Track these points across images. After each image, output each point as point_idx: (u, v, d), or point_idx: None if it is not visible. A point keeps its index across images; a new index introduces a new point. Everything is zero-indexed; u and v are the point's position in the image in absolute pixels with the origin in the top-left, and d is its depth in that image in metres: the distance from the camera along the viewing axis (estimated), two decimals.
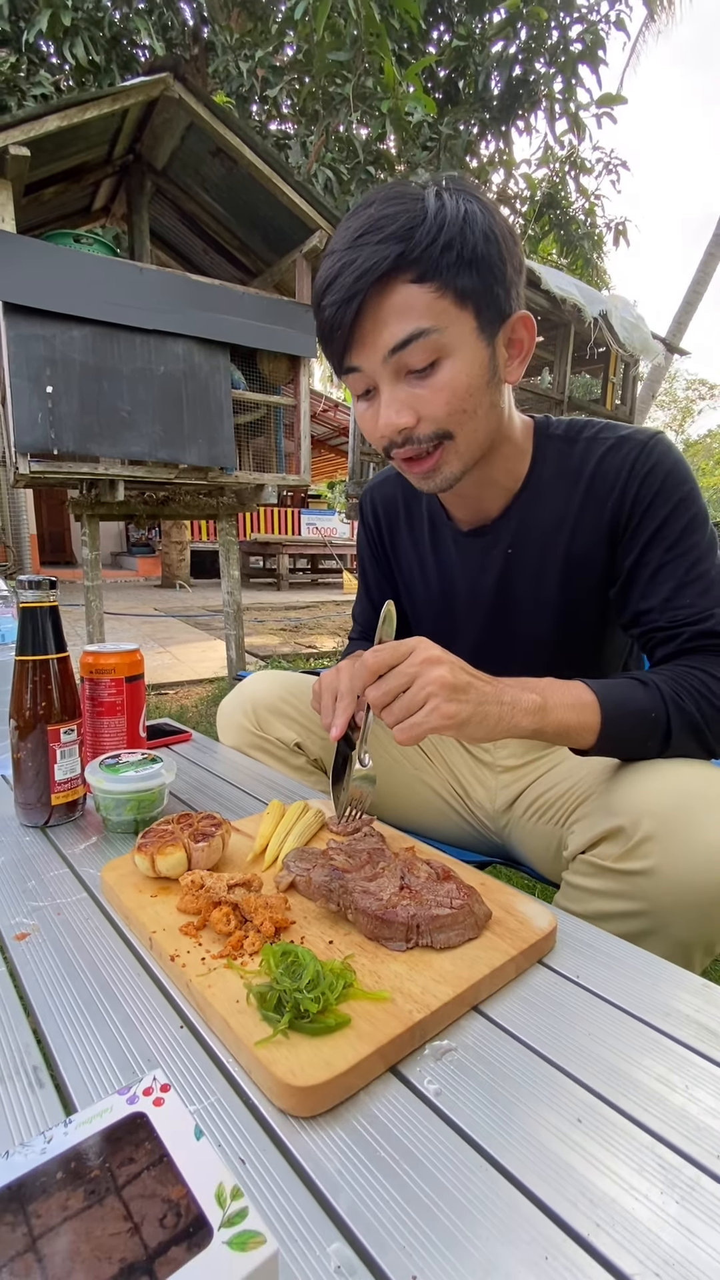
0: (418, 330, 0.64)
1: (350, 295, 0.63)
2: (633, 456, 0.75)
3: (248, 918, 0.48)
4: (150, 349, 2.62)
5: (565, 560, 0.81)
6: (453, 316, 0.65)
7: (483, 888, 0.55)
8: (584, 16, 5.85)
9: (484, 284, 0.65)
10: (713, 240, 9.74)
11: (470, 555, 0.88)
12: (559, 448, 0.80)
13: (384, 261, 0.62)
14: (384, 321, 0.65)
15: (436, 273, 0.63)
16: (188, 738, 1.06)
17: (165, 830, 0.58)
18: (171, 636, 5.25)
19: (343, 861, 0.52)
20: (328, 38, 4.24)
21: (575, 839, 0.71)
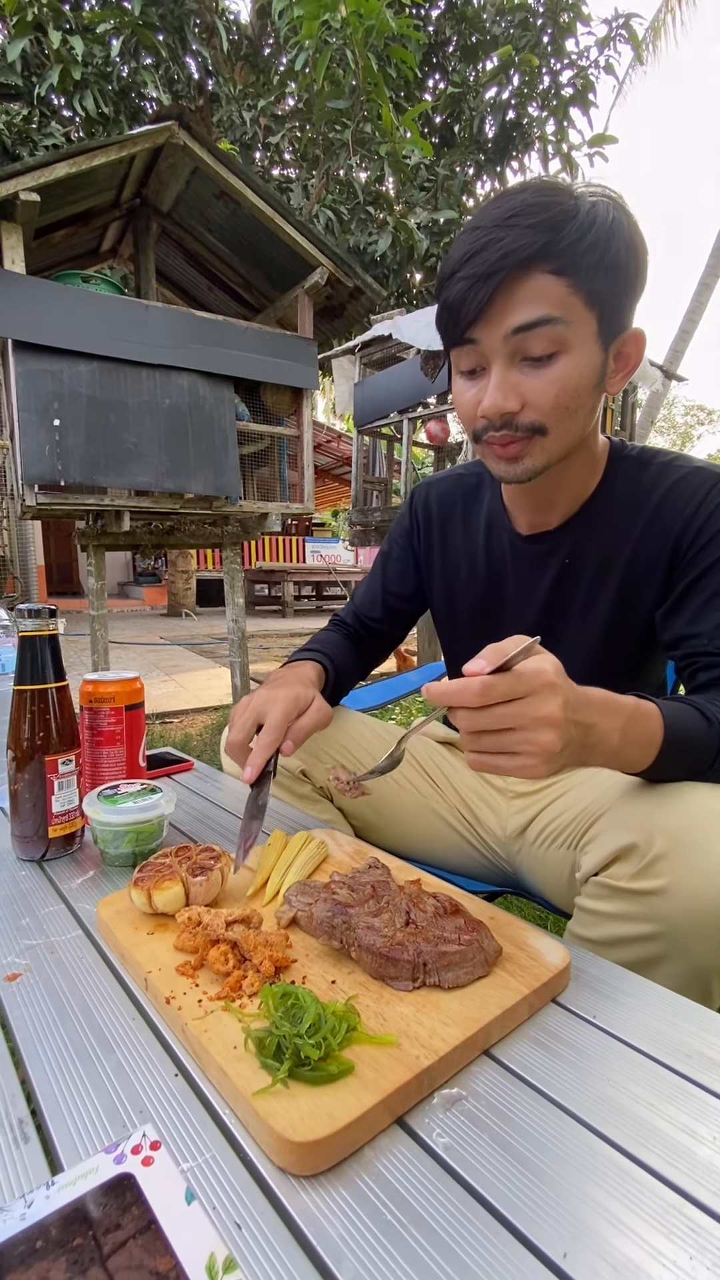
0: (547, 317, 0.66)
1: (491, 270, 0.65)
2: (706, 487, 0.76)
3: (247, 956, 0.46)
4: (156, 383, 2.67)
5: (622, 580, 0.81)
6: (580, 314, 0.67)
7: (492, 922, 0.53)
8: (574, 62, 6.07)
9: (614, 292, 0.67)
10: (707, 270, 9.95)
11: (525, 560, 0.88)
12: (630, 469, 0.81)
13: (531, 246, 0.63)
14: (515, 303, 0.66)
15: (576, 269, 0.64)
16: (189, 767, 1.05)
17: (163, 864, 0.57)
18: (177, 665, 5.25)
19: (346, 896, 0.50)
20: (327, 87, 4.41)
21: (588, 860, 0.69)
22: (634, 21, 5.77)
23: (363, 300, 3.33)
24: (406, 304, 6.55)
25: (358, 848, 0.69)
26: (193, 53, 5.21)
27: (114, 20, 4.60)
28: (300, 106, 5.59)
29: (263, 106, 5.43)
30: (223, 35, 5.27)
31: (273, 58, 6.12)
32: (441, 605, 1.00)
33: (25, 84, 4.92)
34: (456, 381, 0.76)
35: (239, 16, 6.21)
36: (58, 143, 4.90)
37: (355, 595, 1.10)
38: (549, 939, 0.52)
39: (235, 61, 5.96)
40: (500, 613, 0.93)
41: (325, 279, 3.07)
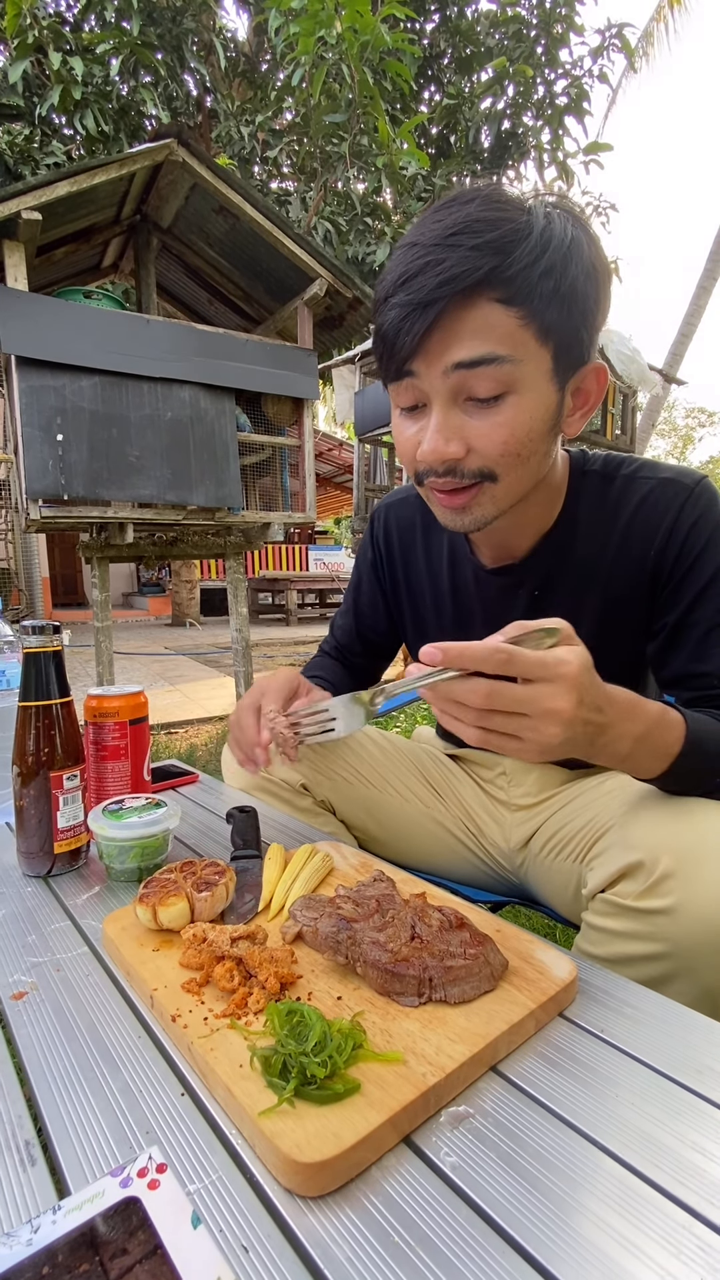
0: (492, 355, 0.58)
1: (429, 300, 0.57)
2: (678, 504, 0.70)
3: (252, 973, 0.46)
4: (158, 396, 2.70)
5: (599, 608, 0.76)
6: (531, 351, 0.59)
7: (498, 935, 0.52)
8: (568, 72, 6.13)
9: (572, 323, 0.59)
10: (705, 273, 9.98)
11: (492, 593, 0.83)
12: (595, 485, 0.76)
13: (475, 272, 0.55)
14: (457, 335, 0.58)
15: (528, 298, 0.57)
16: (194, 779, 1.05)
17: (167, 879, 0.57)
18: (182, 674, 5.26)
19: (350, 910, 0.50)
20: (324, 101, 4.47)
21: (594, 876, 0.68)
22: (626, 30, 5.83)
23: (362, 310, 3.35)
24: None
25: (362, 860, 0.68)
26: (191, 70, 5.28)
27: (113, 40, 4.67)
28: (297, 121, 5.66)
29: (260, 122, 5.50)
30: (220, 53, 5.34)
31: (270, 74, 6.21)
32: (413, 636, 0.97)
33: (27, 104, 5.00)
34: (395, 418, 0.68)
35: (236, 34, 6.30)
36: (59, 161, 4.97)
37: (334, 626, 1.05)
38: (556, 952, 0.51)
39: (233, 78, 6.04)
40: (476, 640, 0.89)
41: (324, 290, 3.10)
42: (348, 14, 3.93)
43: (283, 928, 0.53)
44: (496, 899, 1.01)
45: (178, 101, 5.46)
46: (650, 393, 5.66)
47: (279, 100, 5.68)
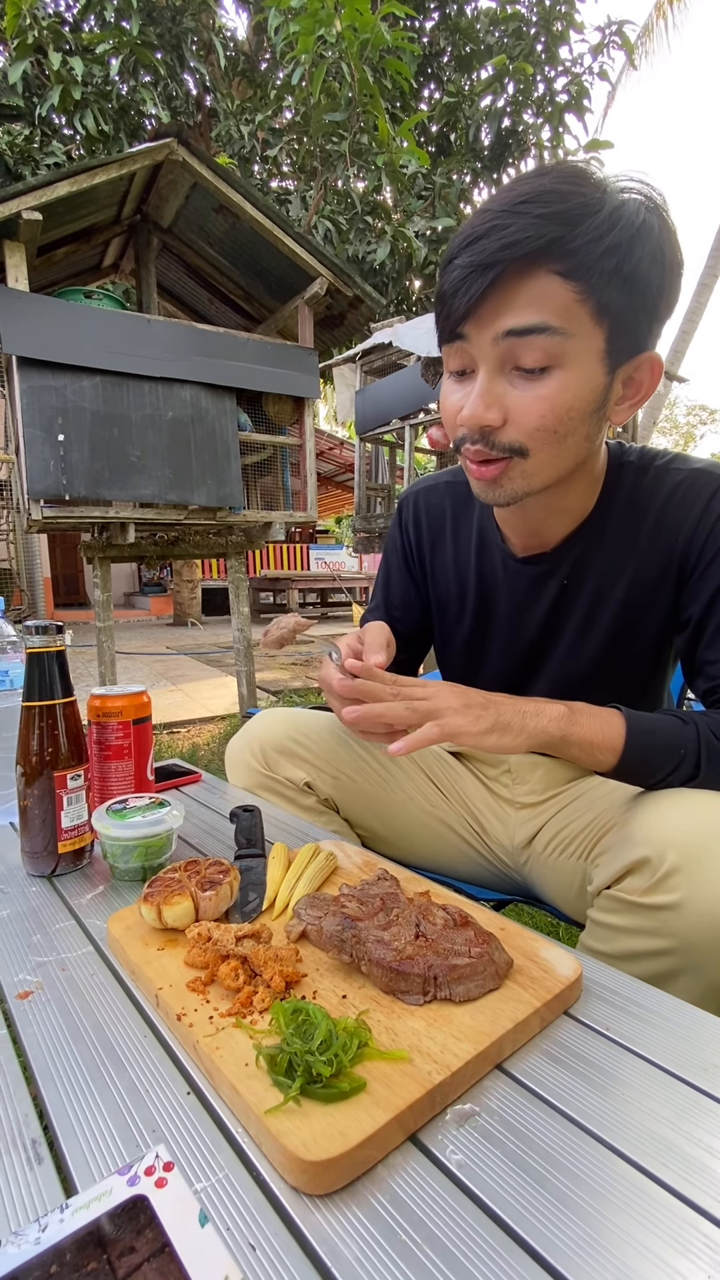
0: (544, 325, 0.58)
1: (490, 261, 0.57)
2: (708, 494, 0.70)
3: (257, 971, 0.46)
4: (159, 396, 2.70)
5: (624, 599, 0.77)
6: (585, 328, 0.59)
7: (502, 933, 0.52)
8: (568, 69, 6.12)
9: (631, 307, 0.59)
10: (705, 270, 9.96)
11: (520, 582, 0.83)
12: (631, 477, 0.75)
13: (538, 239, 0.55)
14: (513, 301, 0.58)
15: (588, 274, 0.56)
16: (197, 778, 1.05)
17: (172, 879, 0.57)
18: (184, 674, 5.27)
19: (355, 909, 0.50)
20: (324, 100, 4.46)
21: (600, 873, 0.68)
22: (626, 28, 5.81)
23: (362, 309, 3.35)
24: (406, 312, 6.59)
25: (366, 859, 0.68)
26: (191, 70, 5.28)
27: (113, 40, 4.67)
28: (297, 120, 5.66)
29: (260, 121, 5.50)
30: (220, 52, 5.34)
31: (269, 73, 6.20)
32: (435, 621, 0.97)
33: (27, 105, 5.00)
34: (445, 381, 0.70)
35: (235, 33, 6.30)
36: (59, 161, 4.97)
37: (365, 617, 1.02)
38: (560, 950, 0.51)
39: (233, 77, 6.04)
40: (488, 637, 0.88)
41: (325, 289, 3.10)
42: (347, 12, 3.92)
43: (287, 926, 0.53)
44: (500, 897, 1.01)
45: (177, 101, 5.46)
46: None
47: (279, 99, 5.67)
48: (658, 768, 0.66)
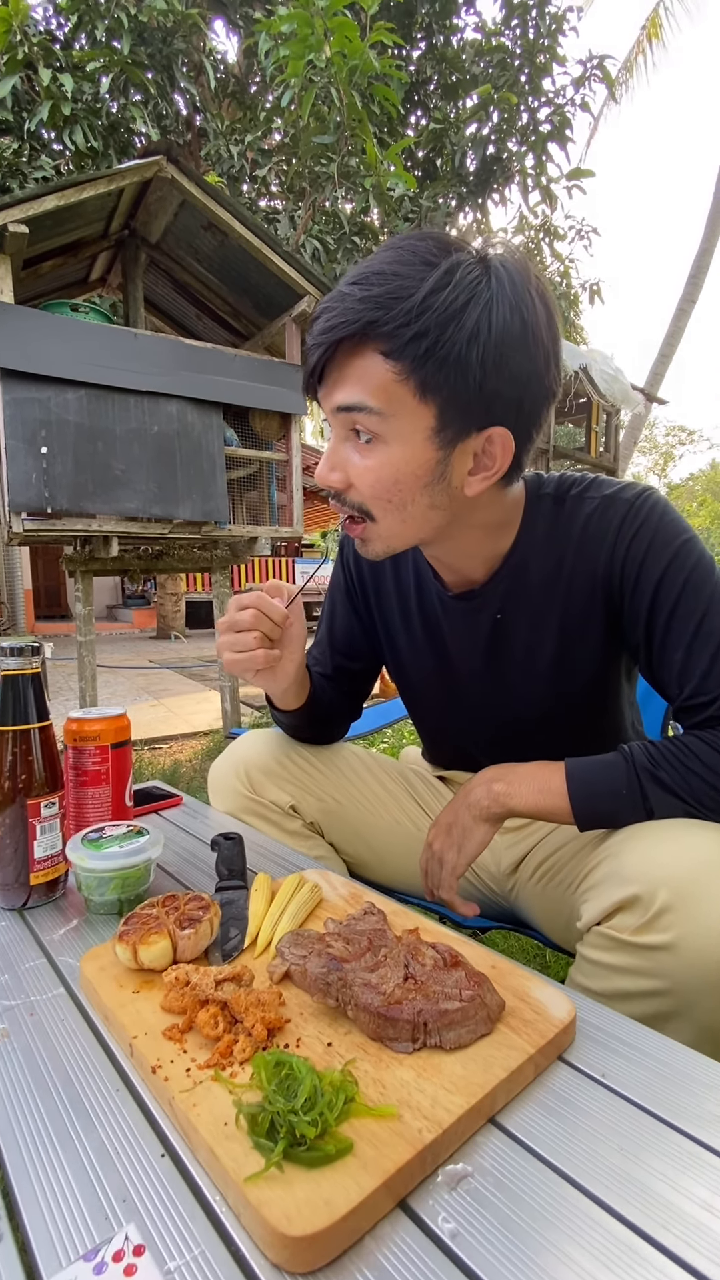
0: (361, 404, 0.61)
1: (319, 342, 0.61)
2: (618, 518, 0.72)
3: (238, 1018, 0.44)
4: (144, 409, 2.68)
5: (560, 626, 0.78)
6: (407, 407, 0.61)
7: (494, 971, 0.51)
8: (551, 100, 6.28)
9: (454, 387, 0.59)
10: (683, 296, 10.23)
11: (458, 617, 0.84)
12: (549, 509, 0.77)
13: (354, 324, 0.59)
14: (343, 377, 0.62)
15: (403, 355, 0.58)
16: (178, 802, 1.02)
17: (149, 915, 0.54)
18: (166, 688, 5.20)
19: (341, 949, 0.48)
20: (313, 123, 4.53)
21: (589, 908, 0.67)
22: (607, 62, 5.99)
23: None
24: None
25: (352, 890, 0.66)
26: (181, 90, 5.33)
27: (104, 59, 4.71)
28: (286, 141, 5.73)
29: (250, 141, 5.56)
30: (210, 74, 5.40)
31: (259, 95, 6.29)
32: (390, 660, 0.97)
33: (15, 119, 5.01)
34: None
35: (226, 57, 6.38)
36: (47, 175, 4.98)
37: (310, 655, 1.01)
38: (553, 989, 0.50)
39: (223, 99, 6.11)
40: (444, 670, 0.89)
41: (313, 307, 3.12)
42: (336, 39, 3.99)
43: (270, 966, 0.50)
44: (486, 924, 0.99)
45: (167, 120, 5.51)
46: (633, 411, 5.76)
47: (268, 121, 5.75)
48: (612, 813, 0.68)
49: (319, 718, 0.95)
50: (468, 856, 0.75)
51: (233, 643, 0.74)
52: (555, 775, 0.71)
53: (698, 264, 10.06)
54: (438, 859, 0.78)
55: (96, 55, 4.70)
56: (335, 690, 1.00)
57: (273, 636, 0.75)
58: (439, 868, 0.78)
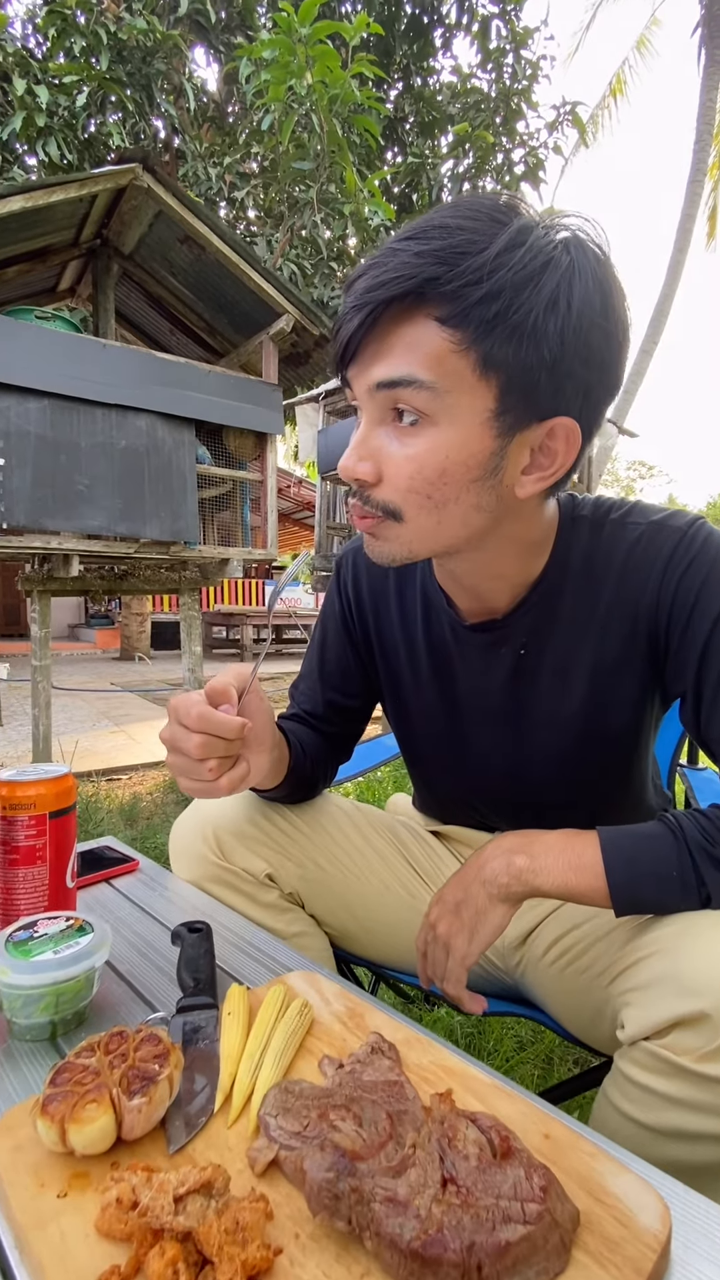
0: (410, 377, 0.51)
1: (362, 303, 0.51)
2: (668, 549, 0.62)
3: (208, 1258, 0.30)
4: (112, 423, 2.55)
5: (593, 667, 0.67)
6: (465, 383, 0.51)
7: (548, 1144, 0.38)
8: (525, 142, 6.47)
9: (526, 363, 0.50)
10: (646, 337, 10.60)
11: (473, 651, 0.73)
12: (586, 534, 0.67)
13: (409, 280, 0.49)
14: (387, 348, 0.52)
15: (465, 321, 0.49)
16: (134, 867, 0.87)
17: (84, 1069, 0.40)
18: (128, 714, 4.97)
19: (351, 1134, 0.35)
20: (292, 150, 4.53)
21: (636, 1016, 0.55)
22: (579, 109, 6.21)
23: (328, 349, 3.32)
24: None
25: (348, 1005, 0.53)
26: (160, 112, 5.31)
27: (82, 74, 4.65)
28: (265, 165, 5.75)
29: (228, 164, 5.55)
30: (190, 96, 5.40)
31: (239, 121, 6.32)
32: (389, 697, 0.84)
33: None
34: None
35: (206, 84, 6.41)
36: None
37: (296, 694, 0.89)
38: (632, 1176, 0.37)
39: (202, 123, 6.11)
40: (452, 711, 0.77)
41: (291, 326, 3.04)
42: (318, 68, 4.01)
43: (251, 1151, 0.37)
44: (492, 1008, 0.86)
45: (145, 140, 5.47)
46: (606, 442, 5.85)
47: (247, 145, 5.76)
48: (658, 898, 0.57)
49: (302, 782, 0.81)
50: (481, 944, 0.63)
51: (185, 770, 0.59)
52: (588, 848, 0.59)
53: (659, 309, 10.45)
54: (443, 944, 0.65)
55: (74, 69, 4.64)
56: (323, 734, 0.88)
57: (232, 753, 0.60)
58: (444, 955, 0.65)
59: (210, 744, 0.57)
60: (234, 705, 0.58)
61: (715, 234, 11.23)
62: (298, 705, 0.89)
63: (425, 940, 0.68)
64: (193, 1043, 0.47)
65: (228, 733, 0.57)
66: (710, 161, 10.19)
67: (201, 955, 0.56)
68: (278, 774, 0.75)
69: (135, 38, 4.58)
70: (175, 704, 0.59)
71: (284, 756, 0.75)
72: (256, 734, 0.63)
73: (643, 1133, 0.54)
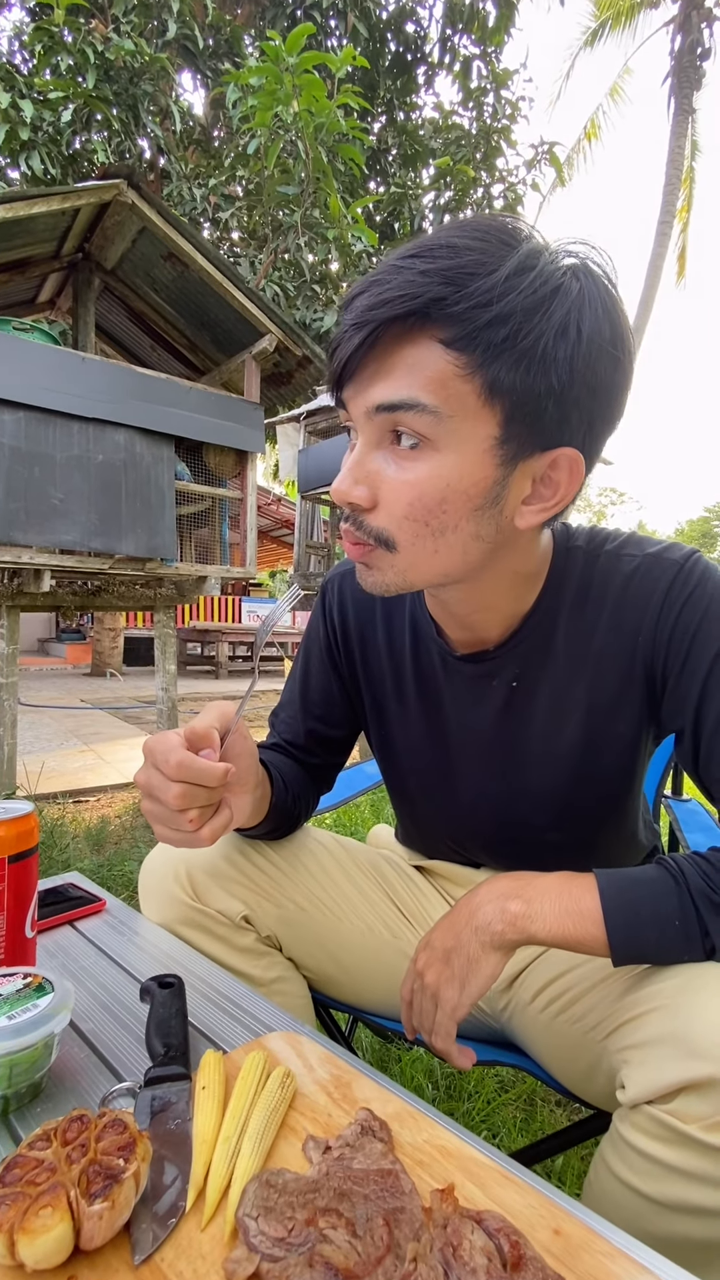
0: (412, 401, 0.49)
1: (363, 321, 0.48)
2: (665, 581, 0.61)
3: None
4: (89, 437, 2.50)
5: (588, 702, 0.65)
6: (468, 409, 0.49)
7: (559, 1241, 0.34)
8: (504, 178, 6.67)
9: (533, 390, 0.49)
10: None
11: (463, 683, 0.71)
12: (580, 565, 0.65)
13: (414, 300, 0.47)
14: (388, 369, 0.50)
15: (472, 345, 0.47)
16: (100, 908, 0.81)
17: (38, 1163, 0.35)
18: (98, 732, 4.84)
19: (343, 1246, 0.31)
20: (277, 174, 4.59)
21: (636, 1076, 0.52)
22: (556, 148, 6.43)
23: (311, 369, 3.33)
24: None
25: (333, 1072, 0.49)
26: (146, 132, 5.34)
27: (68, 90, 4.66)
28: (250, 189, 5.81)
29: (213, 185, 5.60)
30: (176, 118, 5.45)
31: (224, 145, 6.39)
32: (374, 727, 0.81)
33: None
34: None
35: (192, 108, 6.49)
36: None
37: (275, 722, 0.86)
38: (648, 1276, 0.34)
39: (188, 146, 6.17)
40: (444, 744, 0.74)
41: (274, 346, 3.04)
42: (304, 97, 4.08)
43: (228, 1263, 0.32)
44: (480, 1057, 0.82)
45: (131, 159, 5.49)
46: None
47: (232, 168, 5.82)
48: (660, 948, 0.55)
49: (284, 818, 0.77)
50: (472, 995, 0.59)
51: (163, 820, 0.55)
52: (586, 893, 0.56)
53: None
54: (431, 994, 0.61)
55: (60, 85, 4.64)
56: (305, 765, 0.84)
57: (213, 800, 0.56)
58: (432, 1006, 0.61)
59: (191, 794, 0.53)
60: (216, 750, 0.54)
61: (684, 273, 11.67)
62: (278, 734, 0.85)
63: (411, 989, 0.64)
64: (162, 1122, 0.43)
65: (210, 781, 0.53)
66: (679, 204, 10.63)
67: (172, 1015, 0.52)
68: (260, 812, 0.71)
69: (123, 58, 4.61)
70: (152, 746, 0.54)
71: (266, 794, 0.71)
72: (240, 775, 0.60)
73: (646, 1204, 0.50)
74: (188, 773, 0.52)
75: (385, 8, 6.62)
